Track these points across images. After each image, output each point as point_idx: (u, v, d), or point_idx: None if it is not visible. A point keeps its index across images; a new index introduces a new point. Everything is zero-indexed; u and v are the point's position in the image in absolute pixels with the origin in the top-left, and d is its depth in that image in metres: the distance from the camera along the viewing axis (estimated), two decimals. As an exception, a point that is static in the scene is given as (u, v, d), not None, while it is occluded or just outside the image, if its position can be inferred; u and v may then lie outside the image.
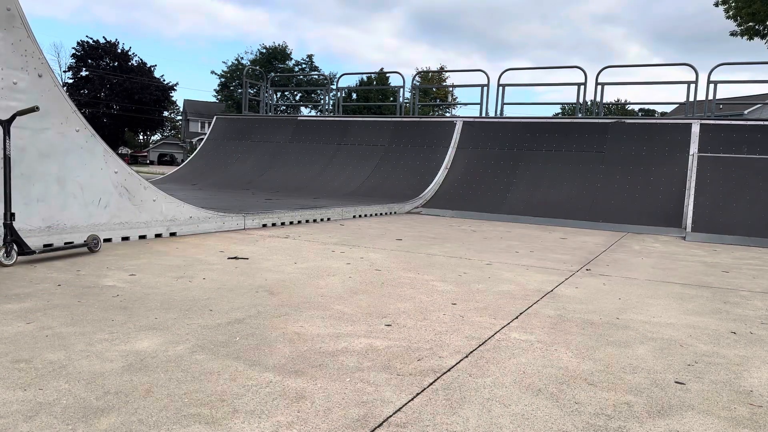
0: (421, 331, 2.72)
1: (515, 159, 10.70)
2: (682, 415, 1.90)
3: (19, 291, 3.12)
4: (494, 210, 9.50)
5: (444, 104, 47.30)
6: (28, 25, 4.25)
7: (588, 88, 11.77)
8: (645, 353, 2.54)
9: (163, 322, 2.67)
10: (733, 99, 20.13)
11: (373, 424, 1.73)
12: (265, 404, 1.83)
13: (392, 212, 9.40)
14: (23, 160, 4.22)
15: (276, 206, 7.78)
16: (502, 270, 4.51)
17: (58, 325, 2.55)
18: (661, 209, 8.83)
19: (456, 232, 7.15)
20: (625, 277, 4.45)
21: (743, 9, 22.73)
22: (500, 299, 3.46)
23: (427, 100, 48.33)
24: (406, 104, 16.47)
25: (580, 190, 9.67)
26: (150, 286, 3.40)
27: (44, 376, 1.97)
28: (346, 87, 36.85)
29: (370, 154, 12.13)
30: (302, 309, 3.02)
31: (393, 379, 2.09)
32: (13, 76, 4.17)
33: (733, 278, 4.65)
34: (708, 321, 3.17)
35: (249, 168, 12.89)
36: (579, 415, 1.86)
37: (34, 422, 1.64)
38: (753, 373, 2.34)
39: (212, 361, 2.19)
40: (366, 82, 43.76)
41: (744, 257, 6.02)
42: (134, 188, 5.07)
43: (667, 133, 9.96)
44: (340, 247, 5.30)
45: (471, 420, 1.79)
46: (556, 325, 2.93)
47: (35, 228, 4.30)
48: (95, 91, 54.41)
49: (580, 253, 5.67)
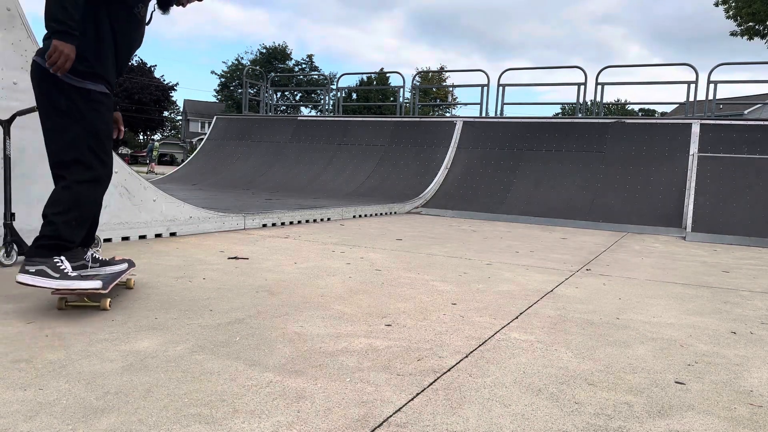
0: (421, 331, 2.72)
1: (515, 159, 10.70)
2: (682, 415, 1.90)
3: (19, 291, 3.12)
4: (494, 210, 9.50)
5: (444, 104, 47.31)
6: (28, 25, 4.25)
7: (588, 88, 11.78)
8: (645, 353, 2.54)
9: (163, 322, 2.67)
10: (733, 99, 20.13)
11: (373, 424, 1.73)
12: (265, 404, 1.83)
13: (392, 212, 9.40)
14: (23, 160, 4.22)
15: (276, 206, 7.78)
16: (503, 270, 4.51)
17: (58, 325, 2.55)
18: (661, 209, 8.83)
19: (456, 232, 7.15)
20: (626, 277, 4.45)
21: (743, 9, 22.74)
22: (500, 299, 3.46)
23: (427, 100, 48.33)
24: (406, 104, 16.47)
25: (580, 190, 9.66)
26: (150, 286, 3.40)
27: (44, 376, 1.97)
28: (346, 87, 36.83)
29: (370, 154, 12.12)
30: (302, 309, 3.02)
31: (393, 379, 2.09)
32: (13, 76, 4.17)
33: (733, 278, 4.65)
34: (708, 321, 3.17)
35: (249, 168, 12.89)
36: (579, 415, 1.86)
37: (34, 422, 1.64)
38: (753, 373, 2.34)
39: (212, 361, 2.19)
40: (366, 82, 43.77)
41: (744, 257, 6.02)
42: (134, 188, 5.07)
43: (667, 133, 9.96)
44: (340, 247, 5.30)
45: (471, 420, 1.79)
46: (556, 325, 2.93)
47: (35, 228, 4.29)
48: (95, 91, 54.35)
49: (581, 253, 5.67)
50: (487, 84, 12.60)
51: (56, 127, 2.74)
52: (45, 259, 2.70)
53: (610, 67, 11.70)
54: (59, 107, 2.71)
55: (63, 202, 2.75)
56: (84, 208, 2.83)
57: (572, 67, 11.96)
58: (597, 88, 11.65)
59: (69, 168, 2.75)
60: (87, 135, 2.76)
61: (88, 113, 2.75)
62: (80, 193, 2.78)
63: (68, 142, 2.73)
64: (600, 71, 11.71)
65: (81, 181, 2.77)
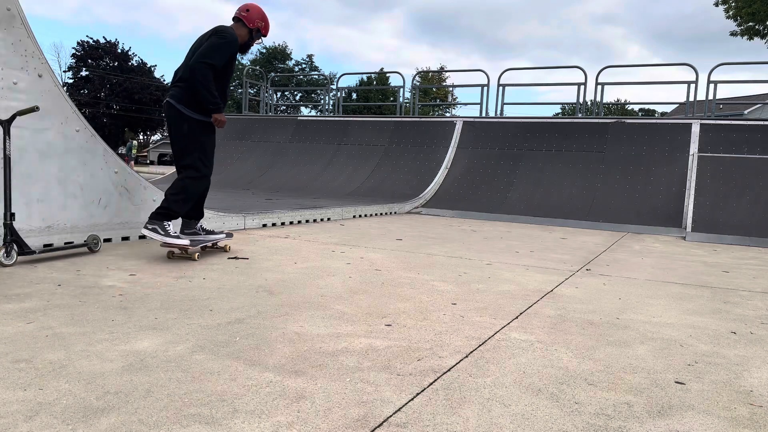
0: (421, 331, 2.72)
1: (515, 159, 10.70)
2: (682, 415, 1.90)
3: (19, 291, 3.12)
4: (494, 210, 9.50)
5: (444, 104, 47.29)
6: (28, 25, 4.25)
7: (588, 88, 11.80)
8: (645, 353, 2.54)
9: (163, 322, 2.67)
10: (733, 99, 20.13)
11: (373, 424, 1.73)
12: (265, 404, 1.83)
13: (392, 212, 9.41)
14: (23, 160, 4.22)
15: (276, 206, 7.77)
16: (502, 270, 4.51)
17: (58, 325, 2.55)
18: (661, 209, 8.83)
19: (456, 232, 7.15)
20: (625, 277, 4.45)
21: (743, 9, 22.73)
22: (500, 299, 3.47)
23: (427, 100, 48.34)
24: (406, 104, 16.48)
25: (580, 190, 9.67)
26: (150, 286, 3.40)
27: (44, 376, 1.97)
28: (346, 87, 36.84)
29: (370, 154, 12.12)
30: (302, 309, 3.02)
31: (393, 379, 2.09)
32: (13, 76, 4.17)
33: (733, 278, 4.65)
34: (708, 321, 3.18)
35: (249, 168, 12.89)
36: (579, 415, 1.86)
37: (34, 422, 1.64)
38: (753, 373, 2.34)
39: (212, 361, 2.19)
40: (366, 82, 43.78)
41: (744, 257, 6.02)
42: (134, 188, 5.07)
43: (667, 133, 9.96)
44: (340, 247, 5.30)
45: (471, 420, 1.79)
46: (556, 325, 2.93)
47: (35, 228, 4.30)
48: (95, 91, 54.39)
49: (580, 253, 5.67)
50: (487, 84, 12.61)
51: (180, 144, 4.26)
52: (159, 222, 4.12)
53: (610, 67, 11.71)
54: (183, 132, 4.23)
55: (177, 188, 4.22)
56: (188, 194, 4.27)
57: (572, 67, 11.96)
58: (597, 88, 11.65)
59: (186, 169, 4.27)
60: (197, 150, 4.27)
61: (200, 136, 4.28)
62: (188, 184, 4.26)
63: (190, 153, 4.26)
64: (600, 71, 11.71)
65: (190, 177, 4.27)
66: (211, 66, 4.07)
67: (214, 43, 4.13)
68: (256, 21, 4.38)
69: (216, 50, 4.11)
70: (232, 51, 4.22)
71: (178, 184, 4.22)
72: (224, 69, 4.22)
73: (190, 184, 4.24)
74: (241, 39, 4.34)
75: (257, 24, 4.39)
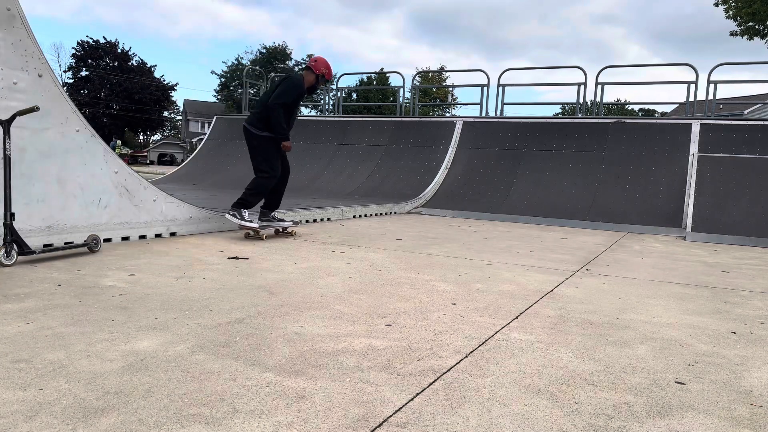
0: (421, 331, 2.72)
1: (515, 159, 10.70)
2: (682, 415, 1.90)
3: (19, 291, 3.12)
4: (494, 210, 9.49)
5: (444, 104, 47.30)
6: (28, 25, 4.25)
7: (588, 88, 11.77)
8: (645, 353, 2.54)
9: (163, 322, 2.67)
10: (733, 99, 20.13)
11: (373, 424, 1.73)
12: (265, 404, 1.83)
13: (392, 212, 9.41)
14: (23, 160, 4.22)
15: (276, 206, 7.77)
16: (502, 270, 4.51)
17: (58, 325, 2.55)
18: (661, 209, 8.83)
19: (456, 232, 7.15)
20: (625, 277, 4.45)
21: (743, 9, 22.73)
22: (500, 299, 3.47)
23: (427, 100, 48.34)
24: (406, 104, 16.47)
25: (580, 190, 9.66)
26: (150, 286, 3.40)
27: (44, 376, 1.97)
28: (346, 87, 36.81)
29: (370, 154, 12.12)
30: (302, 309, 3.02)
31: (393, 379, 2.09)
32: (13, 76, 4.17)
33: (733, 278, 4.65)
34: (708, 321, 3.18)
35: (249, 168, 12.85)
36: (579, 415, 1.86)
37: (34, 422, 1.64)
38: (753, 373, 2.34)
39: (212, 361, 2.19)
40: (366, 82, 43.76)
41: (744, 257, 6.02)
42: (134, 188, 5.07)
43: (667, 133, 9.96)
44: (340, 247, 5.30)
45: (471, 420, 1.79)
46: (556, 325, 2.93)
47: (35, 228, 4.30)
48: (95, 91, 54.39)
49: (580, 253, 5.67)
50: (487, 84, 12.60)
51: (253, 153, 5.63)
52: (238, 210, 5.52)
53: (610, 67, 11.70)
54: (254, 145, 5.59)
55: (252, 184, 5.59)
56: (260, 189, 5.60)
57: (572, 67, 11.96)
58: (597, 88, 11.64)
59: (259, 171, 5.60)
60: (263, 158, 5.59)
61: (267, 148, 5.58)
62: (259, 182, 5.59)
63: (258, 160, 5.60)
64: (600, 71, 11.71)
65: (261, 177, 5.59)
66: (283, 104, 5.46)
67: (287, 87, 5.53)
68: (321, 69, 5.74)
69: (287, 93, 5.53)
70: (299, 92, 5.59)
71: (253, 182, 5.60)
72: (293, 104, 5.60)
73: (260, 182, 5.58)
74: (308, 83, 5.69)
75: (322, 71, 5.75)
